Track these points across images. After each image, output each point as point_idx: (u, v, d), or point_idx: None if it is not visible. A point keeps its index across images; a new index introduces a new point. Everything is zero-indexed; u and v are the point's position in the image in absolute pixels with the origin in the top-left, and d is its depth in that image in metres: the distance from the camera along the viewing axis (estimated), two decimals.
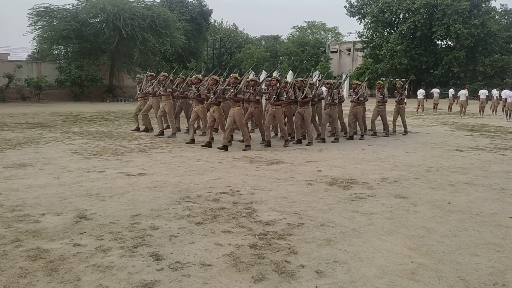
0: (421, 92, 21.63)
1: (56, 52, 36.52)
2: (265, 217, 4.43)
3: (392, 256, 3.49)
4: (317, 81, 11.20)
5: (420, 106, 20.99)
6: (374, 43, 44.45)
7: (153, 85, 10.76)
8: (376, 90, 11.81)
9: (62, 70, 25.97)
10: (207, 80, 9.68)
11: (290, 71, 43.68)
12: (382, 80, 26.27)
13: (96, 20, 25.64)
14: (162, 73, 11.05)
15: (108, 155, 7.80)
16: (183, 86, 10.49)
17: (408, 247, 3.70)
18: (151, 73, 11.39)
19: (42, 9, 26.50)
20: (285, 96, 9.31)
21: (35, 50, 36.71)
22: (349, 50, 55.42)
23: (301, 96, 9.38)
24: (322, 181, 6.09)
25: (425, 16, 40.38)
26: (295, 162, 7.58)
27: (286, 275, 3.10)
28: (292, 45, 52.55)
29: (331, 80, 11.52)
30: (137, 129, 11.57)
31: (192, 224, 4.17)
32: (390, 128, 12.09)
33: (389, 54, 41.47)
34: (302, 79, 10.00)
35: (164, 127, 11.04)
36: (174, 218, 4.35)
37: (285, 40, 59.14)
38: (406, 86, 12.57)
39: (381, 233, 4.01)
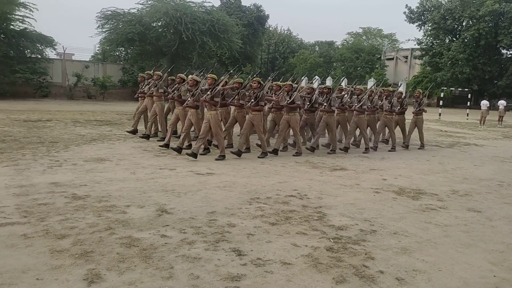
0: (484, 104, 20.66)
1: (117, 53, 38.63)
2: (336, 221, 4.50)
3: (473, 269, 3.44)
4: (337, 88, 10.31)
5: (483, 118, 20.06)
6: (434, 50, 42.91)
7: (150, 84, 10.02)
8: (384, 98, 10.42)
9: (125, 71, 27.34)
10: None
11: (344, 78, 43.22)
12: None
13: (158, 24, 26.72)
14: (156, 72, 10.25)
15: (175, 154, 8.16)
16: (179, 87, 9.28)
17: (488, 261, 3.63)
18: (158, 72, 10.38)
19: (109, 12, 28.07)
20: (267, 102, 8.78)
21: (98, 51, 39.00)
22: (406, 57, 53.88)
23: (288, 101, 8.46)
24: (389, 190, 6.05)
25: (490, 24, 38.44)
26: (358, 169, 7.56)
27: (366, 279, 3.16)
28: (347, 51, 51.90)
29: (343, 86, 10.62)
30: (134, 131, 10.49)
31: (267, 224, 4.33)
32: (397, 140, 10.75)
33: (450, 62, 39.83)
34: (290, 82, 8.99)
35: (154, 130, 10.35)
36: (248, 217, 4.53)
37: (339, 46, 58.55)
38: (426, 94, 11.18)
39: (458, 246, 3.96)
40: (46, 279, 2.94)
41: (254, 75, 13.25)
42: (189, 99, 7.91)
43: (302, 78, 14.93)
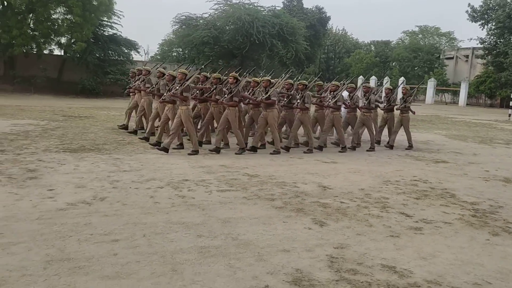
0: None
1: (175, 54, 41.12)
2: (466, 199, 5.64)
3: None
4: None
5: None
6: (498, 50, 41.92)
7: (144, 80, 9.77)
8: (363, 94, 10.06)
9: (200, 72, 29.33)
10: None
11: (402, 78, 43.03)
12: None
13: (231, 27, 28.45)
14: (145, 68, 10.20)
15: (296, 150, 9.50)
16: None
17: None
18: (147, 67, 10.33)
19: (184, 17, 30.22)
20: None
21: (156, 52, 41.90)
22: (467, 56, 52.68)
23: (263, 97, 8.27)
24: (496, 179, 7.08)
25: None
26: (458, 162, 8.58)
27: None
28: (404, 51, 51.57)
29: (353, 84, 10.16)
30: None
31: (412, 198, 5.56)
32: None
33: None
34: (268, 78, 8.80)
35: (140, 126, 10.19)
36: (393, 193, 5.77)
37: (394, 45, 58.17)
38: (414, 92, 10.65)
39: None
40: (276, 223, 4.33)
41: (318, 76, 14.28)
42: (165, 94, 7.99)
43: (358, 78, 15.79)
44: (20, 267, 3.06)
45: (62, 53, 25.22)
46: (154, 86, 9.42)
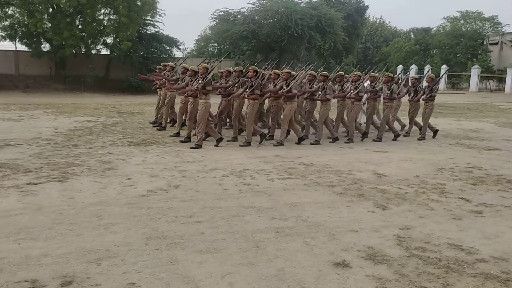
0: None
1: (210, 49, 41.80)
2: None
3: None
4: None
5: None
6: None
7: (169, 76, 9.82)
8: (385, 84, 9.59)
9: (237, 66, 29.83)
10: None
11: (444, 65, 41.71)
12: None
13: (269, 21, 28.69)
14: (169, 64, 10.48)
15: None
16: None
17: None
18: (171, 63, 10.54)
19: (222, 13, 30.75)
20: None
21: (193, 48, 42.83)
22: None
23: (284, 89, 8.21)
24: None
25: None
26: (511, 149, 8.53)
27: None
28: (446, 38, 49.94)
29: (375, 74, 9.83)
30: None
31: (469, 184, 5.69)
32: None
33: None
34: (289, 70, 8.67)
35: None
36: (449, 180, 5.92)
37: (435, 32, 56.41)
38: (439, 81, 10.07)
39: None
40: (339, 207, 4.62)
41: (357, 67, 14.24)
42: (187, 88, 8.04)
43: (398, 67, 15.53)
44: (126, 243, 3.52)
45: (108, 53, 26.33)
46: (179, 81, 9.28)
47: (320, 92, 8.69)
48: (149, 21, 26.09)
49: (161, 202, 4.64)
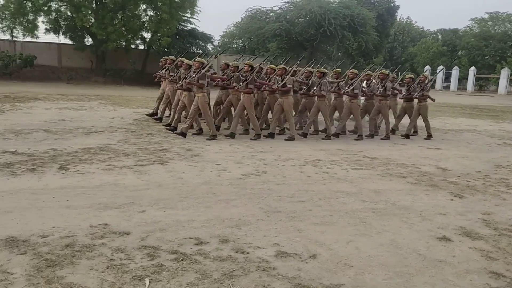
0: None
1: (235, 46, 42.48)
2: None
3: None
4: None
5: None
6: None
7: (168, 69, 10.02)
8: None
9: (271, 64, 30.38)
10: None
11: (473, 67, 41.38)
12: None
13: (302, 20, 29.16)
14: (170, 57, 10.70)
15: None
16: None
17: None
18: (171, 57, 10.78)
19: (255, 11, 31.33)
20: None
21: (218, 43, 43.65)
22: None
23: (279, 84, 8.48)
24: None
25: None
26: None
27: None
28: (474, 39, 49.47)
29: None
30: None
31: None
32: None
33: None
34: (284, 66, 8.90)
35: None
36: (510, 176, 6.38)
37: (462, 33, 55.89)
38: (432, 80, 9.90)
39: None
40: (419, 194, 5.14)
41: (382, 66, 14.48)
42: (181, 81, 8.37)
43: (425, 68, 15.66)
44: (250, 215, 4.13)
45: (145, 47, 27.18)
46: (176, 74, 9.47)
47: (315, 88, 8.83)
48: (186, 18, 26.86)
49: (259, 184, 5.25)
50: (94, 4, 23.54)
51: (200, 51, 28.03)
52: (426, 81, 9.70)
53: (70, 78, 23.53)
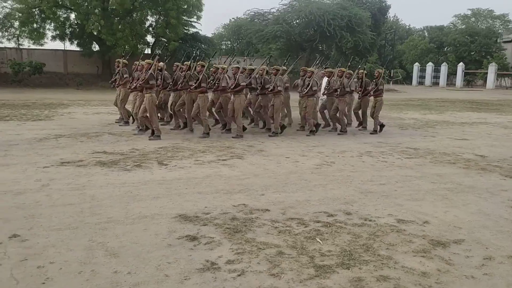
0: None
1: (224, 47, 43.40)
2: None
3: None
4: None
5: None
6: None
7: (120, 72, 10.34)
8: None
9: (270, 65, 31.17)
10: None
11: (462, 63, 42.75)
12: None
13: (301, 21, 29.98)
14: (122, 60, 10.82)
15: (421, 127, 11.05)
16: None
17: None
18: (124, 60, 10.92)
19: (253, 13, 32.11)
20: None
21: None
22: None
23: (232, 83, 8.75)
24: None
25: None
26: None
27: None
28: (460, 35, 51.09)
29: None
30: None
31: None
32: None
33: None
34: (237, 66, 9.26)
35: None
36: None
37: (447, 30, 57.62)
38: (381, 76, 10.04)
39: None
40: (474, 176, 5.96)
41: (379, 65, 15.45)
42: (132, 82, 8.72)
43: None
44: (351, 195, 4.88)
45: (149, 52, 27.69)
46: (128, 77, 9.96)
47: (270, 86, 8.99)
48: (189, 22, 27.47)
49: (336, 172, 6.00)
50: (102, 10, 24.02)
51: (203, 54, 28.77)
52: (380, 77, 9.97)
53: (79, 84, 23.91)
